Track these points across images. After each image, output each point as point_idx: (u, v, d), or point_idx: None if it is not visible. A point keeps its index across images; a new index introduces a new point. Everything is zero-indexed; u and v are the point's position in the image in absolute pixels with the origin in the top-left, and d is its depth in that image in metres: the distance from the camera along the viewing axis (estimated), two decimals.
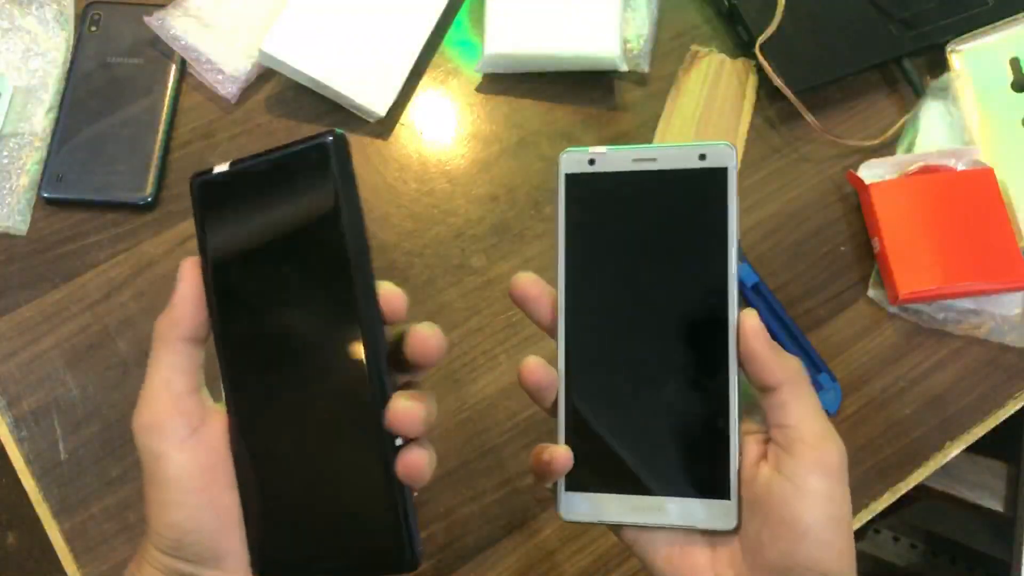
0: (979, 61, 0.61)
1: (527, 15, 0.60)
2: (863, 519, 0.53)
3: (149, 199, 0.57)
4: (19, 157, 0.57)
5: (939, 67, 0.62)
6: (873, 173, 0.59)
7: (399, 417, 0.31)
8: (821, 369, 0.55)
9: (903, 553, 0.90)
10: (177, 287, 0.34)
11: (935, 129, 0.60)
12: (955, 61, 0.61)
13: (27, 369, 0.53)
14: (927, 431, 0.55)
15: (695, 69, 0.63)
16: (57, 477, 0.51)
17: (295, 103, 0.61)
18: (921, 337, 0.57)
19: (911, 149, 0.60)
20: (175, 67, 0.60)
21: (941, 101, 0.61)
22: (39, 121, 0.58)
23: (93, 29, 0.60)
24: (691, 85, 0.62)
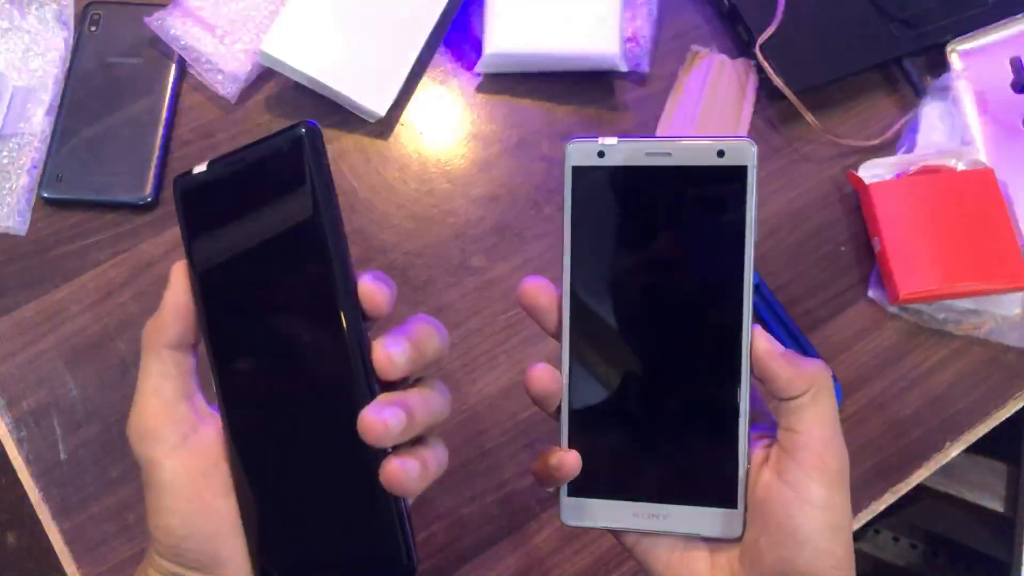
0: (979, 61, 0.61)
1: (527, 15, 0.60)
2: (863, 519, 0.53)
3: (149, 199, 0.57)
4: (19, 157, 0.57)
5: (939, 67, 0.62)
6: (873, 173, 0.59)
7: (366, 428, 0.29)
8: None
9: (903, 553, 0.90)
10: (165, 293, 0.33)
11: (935, 129, 0.60)
12: (955, 61, 0.61)
13: (27, 369, 0.53)
14: (927, 431, 0.55)
15: (695, 69, 0.63)
16: (57, 477, 0.51)
17: (295, 103, 0.61)
18: (921, 337, 0.57)
19: (911, 149, 0.60)
20: (175, 67, 0.60)
21: (941, 101, 0.61)
22: (39, 121, 0.58)
23: (93, 29, 0.60)
24: (691, 85, 0.62)
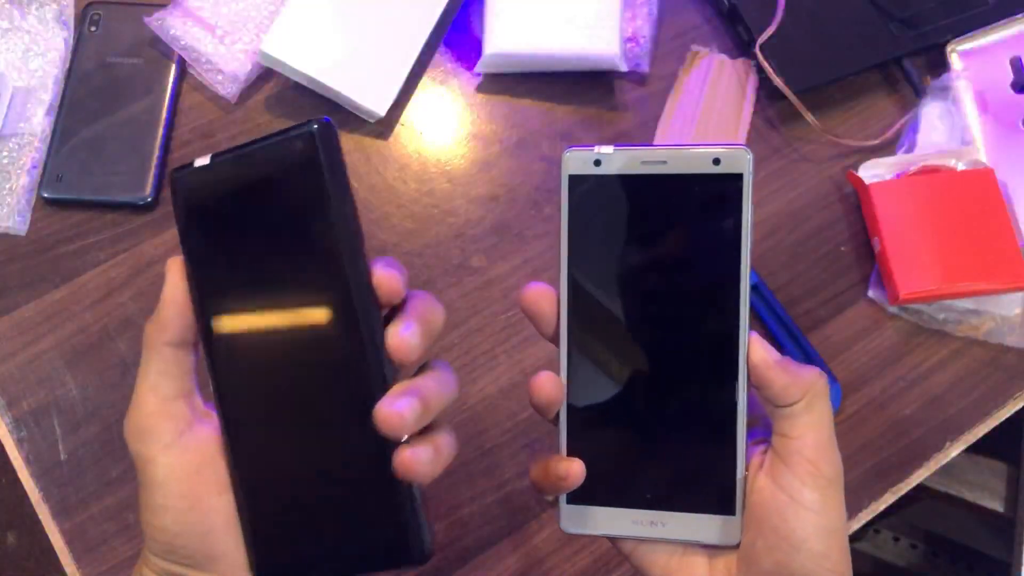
0: (979, 61, 0.61)
1: (527, 15, 0.60)
2: (863, 519, 0.53)
3: (149, 199, 0.57)
4: (19, 157, 0.57)
5: (939, 67, 0.62)
6: (873, 173, 0.59)
7: (382, 420, 0.30)
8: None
9: (903, 553, 0.90)
10: (163, 289, 0.33)
11: (935, 129, 0.60)
12: (955, 61, 0.61)
13: (27, 369, 0.53)
14: (927, 431, 0.55)
15: (695, 69, 0.63)
16: (57, 477, 0.51)
17: (295, 103, 0.61)
18: (921, 337, 0.57)
19: (911, 149, 0.60)
20: (175, 67, 0.60)
21: (941, 101, 0.61)
22: (39, 121, 0.58)
23: (93, 29, 0.60)
24: (691, 85, 0.62)
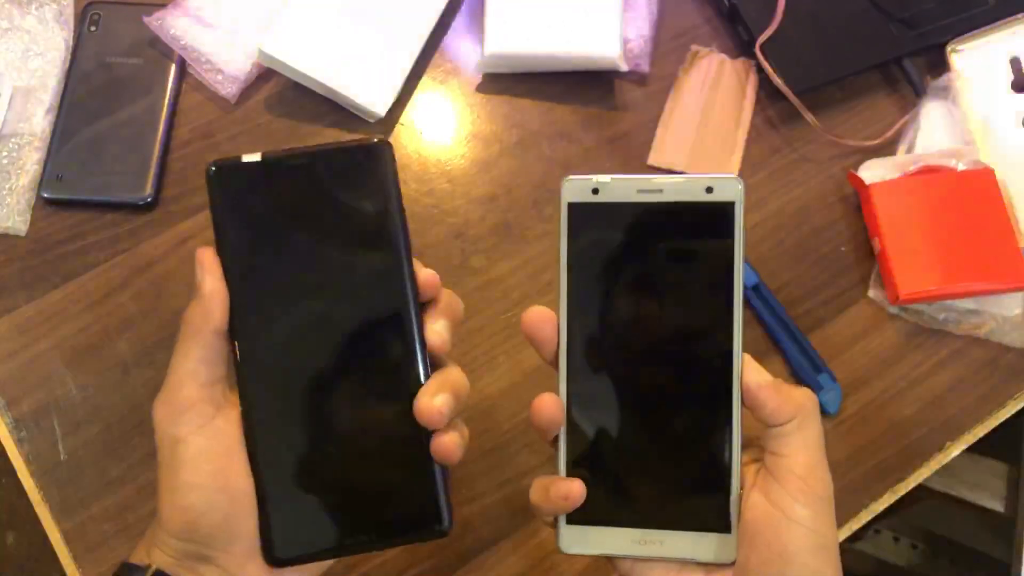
0: (979, 61, 0.61)
1: (527, 15, 0.60)
2: (863, 519, 0.53)
3: (149, 199, 0.57)
4: (19, 157, 0.57)
5: (939, 67, 0.62)
6: (873, 173, 0.59)
7: (425, 415, 0.33)
8: (821, 370, 0.55)
9: (903, 553, 0.90)
10: (203, 279, 0.34)
11: (935, 129, 0.60)
12: (955, 61, 0.61)
13: (27, 369, 0.53)
14: (927, 431, 0.55)
15: (695, 69, 0.63)
16: (57, 478, 0.51)
17: (295, 103, 0.61)
18: (921, 337, 0.57)
19: (911, 149, 0.60)
20: (175, 67, 0.60)
21: (941, 101, 0.61)
22: (39, 121, 0.58)
23: (93, 29, 0.60)
24: (691, 85, 0.62)
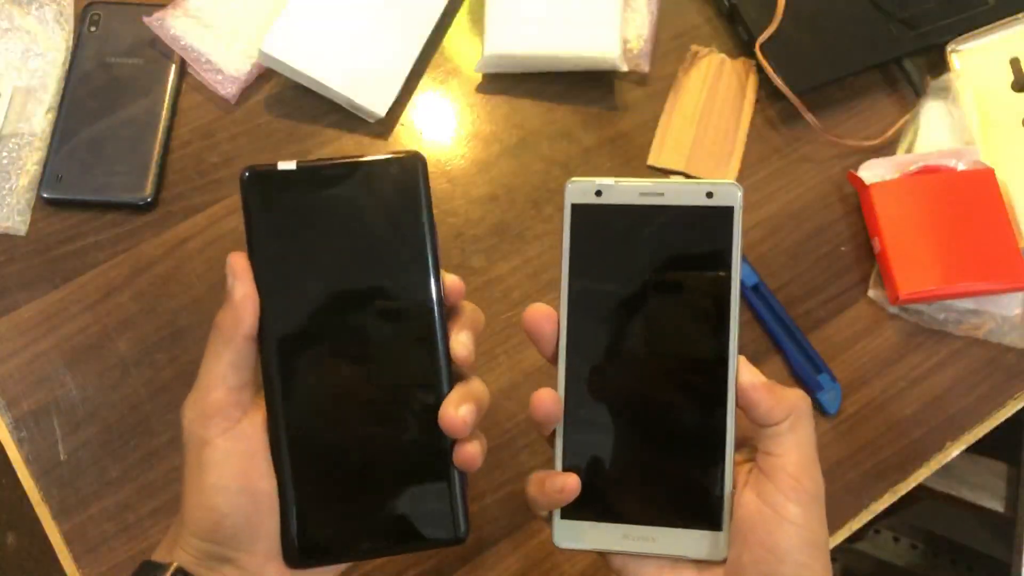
0: (979, 61, 0.61)
1: (527, 15, 0.60)
2: (863, 519, 0.53)
3: (149, 199, 0.57)
4: (19, 157, 0.57)
5: (939, 67, 0.62)
6: (873, 173, 0.59)
7: (449, 425, 0.34)
8: (821, 369, 0.55)
9: (903, 553, 0.90)
10: (235, 284, 0.34)
11: (935, 129, 0.60)
12: (955, 61, 0.61)
13: (27, 369, 0.53)
14: (927, 431, 0.55)
15: (695, 69, 0.63)
16: (57, 478, 0.51)
17: (295, 103, 0.61)
18: (921, 337, 0.57)
19: (911, 149, 0.60)
20: (175, 67, 0.60)
21: (941, 101, 0.61)
22: (39, 121, 0.58)
23: (93, 29, 0.60)
24: (691, 85, 0.62)
